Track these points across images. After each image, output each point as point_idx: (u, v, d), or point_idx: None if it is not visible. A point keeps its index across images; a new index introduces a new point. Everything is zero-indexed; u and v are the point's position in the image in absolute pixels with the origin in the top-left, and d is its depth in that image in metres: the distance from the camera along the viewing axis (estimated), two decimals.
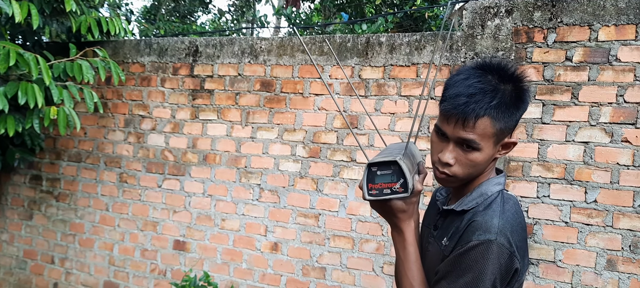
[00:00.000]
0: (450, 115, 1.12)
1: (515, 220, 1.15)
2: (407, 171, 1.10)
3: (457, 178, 1.17)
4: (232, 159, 3.30)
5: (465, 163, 1.14)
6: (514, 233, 1.11)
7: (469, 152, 1.13)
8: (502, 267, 1.07)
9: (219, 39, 3.41)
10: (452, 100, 1.11)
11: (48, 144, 3.87)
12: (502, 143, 1.17)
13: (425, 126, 2.86)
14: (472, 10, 2.78)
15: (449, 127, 1.13)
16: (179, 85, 3.49)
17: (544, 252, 2.58)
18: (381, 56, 2.97)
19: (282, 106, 3.19)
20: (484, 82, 1.11)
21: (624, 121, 2.46)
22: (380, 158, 1.12)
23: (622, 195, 2.45)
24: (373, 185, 1.12)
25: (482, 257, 1.07)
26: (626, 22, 2.46)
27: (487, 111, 1.09)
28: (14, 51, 2.69)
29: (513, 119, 1.14)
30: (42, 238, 3.86)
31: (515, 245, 1.10)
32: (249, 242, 3.23)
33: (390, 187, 1.11)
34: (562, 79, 2.57)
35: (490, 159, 1.17)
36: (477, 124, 1.09)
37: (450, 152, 1.15)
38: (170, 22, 8.09)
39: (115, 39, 3.77)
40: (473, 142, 1.11)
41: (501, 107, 1.10)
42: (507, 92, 1.12)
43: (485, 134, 1.11)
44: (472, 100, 1.09)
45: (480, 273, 1.06)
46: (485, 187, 1.20)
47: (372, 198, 1.13)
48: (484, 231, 1.09)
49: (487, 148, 1.13)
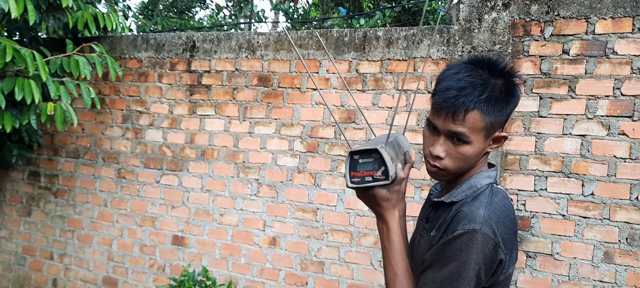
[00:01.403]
0: (441, 108, 1.13)
1: (502, 212, 1.15)
2: (389, 159, 1.12)
3: (448, 172, 1.18)
4: (230, 154, 3.30)
5: (455, 156, 1.16)
6: (500, 225, 1.12)
7: (459, 146, 1.14)
8: (486, 257, 1.08)
9: (216, 34, 3.41)
10: (443, 93, 1.13)
11: (46, 140, 3.87)
12: (492, 137, 1.18)
13: (420, 120, 2.86)
14: (469, 4, 2.78)
15: (440, 120, 1.14)
16: (176, 81, 3.48)
17: (541, 245, 2.59)
18: (378, 50, 2.97)
19: (280, 101, 3.19)
20: (474, 76, 1.12)
21: (621, 114, 2.46)
22: (362, 147, 1.13)
23: (619, 188, 2.46)
24: (355, 173, 1.14)
25: (466, 246, 1.08)
26: (623, 15, 2.46)
27: (476, 104, 1.10)
28: (10, 47, 2.68)
29: (503, 113, 1.15)
30: (41, 235, 3.86)
31: (501, 237, 1.11)
32: (248, 236, 3.24)
33: (372, 175, 1.13)
34: (559, 72, 2.57)
35: (480, 153, 1.18)
36: (467, 117, 1.11)
37: (441, 145, 1.16)
38: (167, 18, 8.07)
39: (112, 35, 3.76)
40: (463, 135, 1.12)
41: (491, 101, 1.11)
42: (497, 86, 1.13)
43: (475, 127, 1.12)
44: (462, 93, 1.10)
45: (464, 262, 1.07)
46: (475, 179, 1.21)
47: (354, 186, 1.15)
48: (469, 221, 1.10)
49: (477, 141, 1.14)
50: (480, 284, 1.10)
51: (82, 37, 3.77)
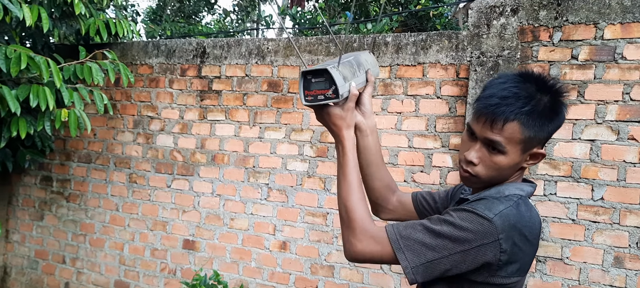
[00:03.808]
0: (481, 114, 1.13)
1: (524, 221, 1.11)
2: (340, 78, 1.16)
3: (479, 179, 1.17)
4: (241, 159, 3.33)
5: (489, 165, 1.14)
6: (514, 230, 1.08)
7: (494, 155, 1.13)
8: (480, 248, 1.06)
9: (226, 40, 3.45)
10: (485, 99, 1.13)
11: (58, 145, 3.92)
12: (530, 152, 1.15)
13: (428, 125, 2.88)
14: (477, 10, 2.80)
15: (478, 126, 1.14)
16: (187, 86, 3.52)
17: (551, 250, 2.60)
18: (387, 56, 2.99)
19: (289, 106, 3.22)
20: (520, 88, 1.11)
21: (631, 119, 2.47)
22: (315, 67, 1.18)
23: (628, 193, 2.47)
24: (309, 91, 1.19)
25: (470, 223, 1.06)
26: (632, 21, 2.47)
27: (517, 116, 1.09)
28: (25, 55, 2.73)
29: (544, 130, 1.13)
30: (53, 239, 3.91)
31: (509, 239, 1.07)
32: (258, 241, 3.27)
33: (324, 93, 1.17)
34: (568, 77, 2.58)
35: (515, 166, 1.16)
36: (505, 127, 1.10)
37: (476, 151, 1.15)
38: (175, 23, 8.13)
39: (123, 41, 3.81)
40: (499, 144, 1.11)
41: (533, 115, 1.09)
42: (542, 102, 1.11)
43: (512, 138, 1.10)
44: (503, 102, 1.09)
45: (461, 233, 1.06)
46: (505, 187, 1.18)
47: (308, 104, 1.19)
48: (486, 208, 1.09)
49: (512, 153, 1.13)
50: (460, 268, 1.08)
51: (93, 44, 3.82)
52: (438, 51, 2.88)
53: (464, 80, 2.81)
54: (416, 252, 1.08)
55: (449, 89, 2.85)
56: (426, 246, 1.08)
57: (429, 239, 1.08)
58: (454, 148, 2.83)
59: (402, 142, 2.93)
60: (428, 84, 2.90)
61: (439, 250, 1.07)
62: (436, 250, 1.07)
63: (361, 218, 1.15)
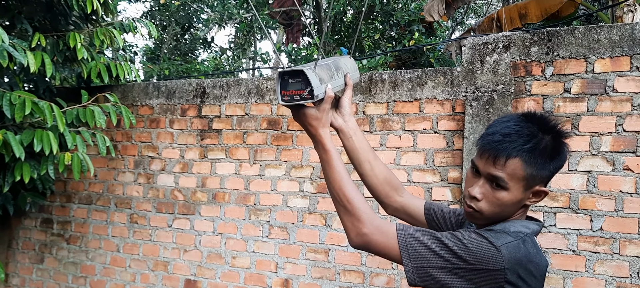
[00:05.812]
0: (484, 150, 1.17)
1: (530, 258, 1.13)
2: (315, 79, 1.20)
3: (483, 215, 1.20)
4: (241, 197, 3.36)
5: (492, 200, 1.17)
6: (520, 264, 1.10)
7: (497, 191, 1.16)
8: (483, 272, 1.09)
9: (225, 80, 3.51)
10: (488, 136, 1.18)
11: (58, 187, 3.93)
12: (533, 190, 1.18)
13: (427, 159, 2.93)
14: (470, 46, 2.88)
15: (482, 162, 1.18)
16: (187, 126, 3.57)
17: (553, 281, 2.61)
18: (384, 92, 3.06)
19: (289, 143, 3.27)
20: (522, 127, 1.16)
21: (625, 149, 2.52)
22: (292, 69, 1.22)
23: (627, 223, 2.50)
24: (286, 91, 1.23)
25: (478, 246, 1.10)
26: (621, 54, 2.55)
27: (519, 153, 1.13)
28: (29, 100, 2.78)
29: (546, 169, 1.16)
30: (54, 282, 3.88)
31: (514, 272, 1.09)
32: (260, 279, 3.26)
33: (299, 94, 1.21)
34: (562, 110, 2.65)
35: (518, 203, 1.19)
36: (508, 164, 1.14)
37: (480, 187, 1.19)
38: (172, 61, 8.24)
39: (124, 83, 3.87)
40: (501, 180, 1.15)
41: (534, 152, 1.14)
42: (544, 141, 1.16)
43: (514, 175, 1.14)
44: (506, 139, 1.14)
45: (467, 253, 1.09)
46: (509, 223, 1.21)
47: (284, 103, 1.23)
48: (495, 237, 1.12)
49: (515, 190, 1.16)
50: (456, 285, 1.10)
51: (94, 86, 3.88)
52: (434, 87, 2.95)
53: (460, 115, 2.87)
54: (420, 254, 1.12)
55: (446, 124, 2.90)
56: (431, 252, 1.12)
57: (436, 247, 1.12)
58: (453, 181, 2.87)
59: (401, 177, 2.97)
60: (425, 119, 2.96)
61: (442, 260, 1.11)
62: (439, 259, 1.11)
63: (364, 207, 1.21)
